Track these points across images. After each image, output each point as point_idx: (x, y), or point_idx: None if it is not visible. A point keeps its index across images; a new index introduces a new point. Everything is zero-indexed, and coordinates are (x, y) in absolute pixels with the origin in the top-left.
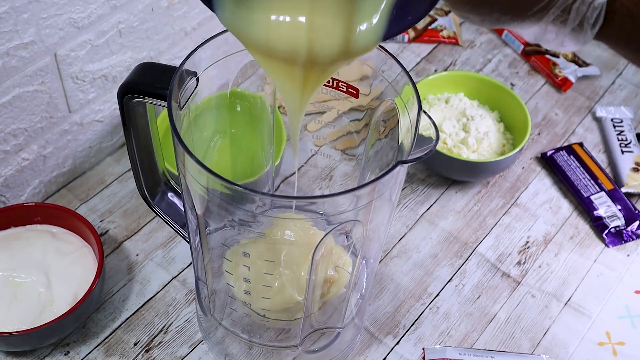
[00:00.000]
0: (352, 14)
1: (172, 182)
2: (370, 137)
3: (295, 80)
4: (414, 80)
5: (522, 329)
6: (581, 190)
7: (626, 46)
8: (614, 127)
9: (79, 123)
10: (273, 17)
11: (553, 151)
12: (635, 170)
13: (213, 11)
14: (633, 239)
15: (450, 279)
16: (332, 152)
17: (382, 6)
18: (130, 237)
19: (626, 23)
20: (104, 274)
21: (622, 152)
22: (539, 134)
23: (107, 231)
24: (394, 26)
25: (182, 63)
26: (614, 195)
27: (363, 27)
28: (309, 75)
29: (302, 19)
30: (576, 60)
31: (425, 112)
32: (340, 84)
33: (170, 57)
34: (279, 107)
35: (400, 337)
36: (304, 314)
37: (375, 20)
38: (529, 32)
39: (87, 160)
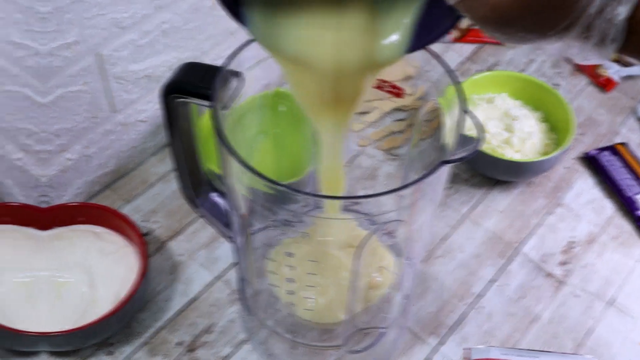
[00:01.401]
0: (376, 31)
1: (215, 182)
2: (413, 137)
3: (326, 102)
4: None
5: (565, 329)
6: (624, 190)
7: None
8: None
9: (123, 123)
10: (300, 33)
11: (596, 151)
12: None
13: (243, 25)
14: None
15: (494, 279)
16: (375, 152)
17: (405, 22)
18: (174, 237)
19: None
20: (148, 274)
21: None
22: (582, 134)
23: (150, 231)
24: (418, 41)
25: (226, 63)
26: None
27: (387, 41)
28: (340, 90)
29: (329, 34)
30: (620, 60)
31: (469, 111)
32: (383, 84)
33: (214, 57)
34: None
35: (443, 337)
36: (347, 315)
37: (398, 36)
38: (554, 47)
39: (131, 160)
